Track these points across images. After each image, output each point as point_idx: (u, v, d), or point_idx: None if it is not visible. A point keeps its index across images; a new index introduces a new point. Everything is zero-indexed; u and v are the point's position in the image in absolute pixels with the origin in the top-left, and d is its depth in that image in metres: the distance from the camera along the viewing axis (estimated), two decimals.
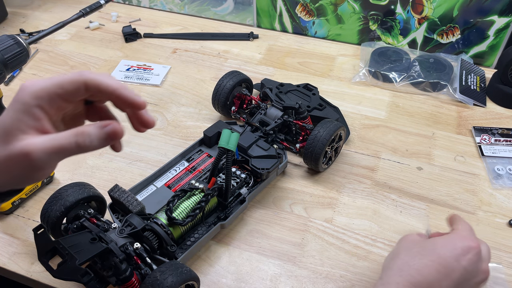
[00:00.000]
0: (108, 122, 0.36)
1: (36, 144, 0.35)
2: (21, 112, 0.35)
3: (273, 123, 0.70)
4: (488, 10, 0.87)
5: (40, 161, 0.35)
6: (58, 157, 0.36)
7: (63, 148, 0.35)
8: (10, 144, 0.35)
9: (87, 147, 0.36)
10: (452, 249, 0.45)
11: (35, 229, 0.49)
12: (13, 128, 0.35)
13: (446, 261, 0.44)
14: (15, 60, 0.60)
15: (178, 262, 0.51)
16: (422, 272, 0.44)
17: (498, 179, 0.70)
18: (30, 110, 0.35)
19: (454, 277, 0.44)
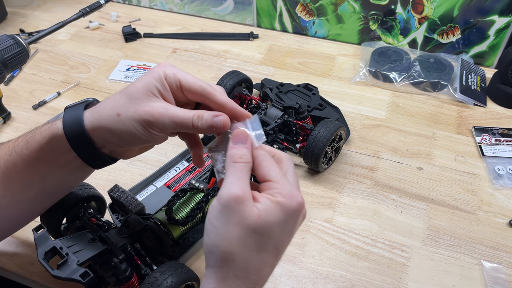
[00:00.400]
0: (220, 114, 0.41)
1: (163, 107, 0.41)
2: (155, 79, 0.41)
3: (273, 123, 0.70)
4: (488, 10, 0.87)
5: (162, 124, 0.40)
6: (174, 127, 0.41)
7: (182, 120, 0.41)
8: (142, 101, 0.41)
9: (197, 128, 0.41)
10: (285, 228, 0.37)
11: (35, 229, 0.49)
12: (147, 88, 0.41)
13: (280, 242, 0.37)
14: (15, 60, 0.60)
15: (178, 262, 0.51)
16: (260, 271, 0.37)
17: (499, 179, 0.70)
18: (162, 80, 0.41)
19: (285, 246, 0.38)
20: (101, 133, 0.42)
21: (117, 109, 0.41)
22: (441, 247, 0.61)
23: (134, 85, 0.42)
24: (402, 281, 0.57)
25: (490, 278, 0.57)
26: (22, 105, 0.85)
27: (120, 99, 0.42)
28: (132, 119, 0.41)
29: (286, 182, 0.38)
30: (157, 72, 0.42)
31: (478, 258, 0.60)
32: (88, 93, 0.88)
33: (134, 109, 0.41)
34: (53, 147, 0.43)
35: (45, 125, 0.44)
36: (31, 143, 0.44)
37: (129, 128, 0.41)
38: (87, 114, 0.42)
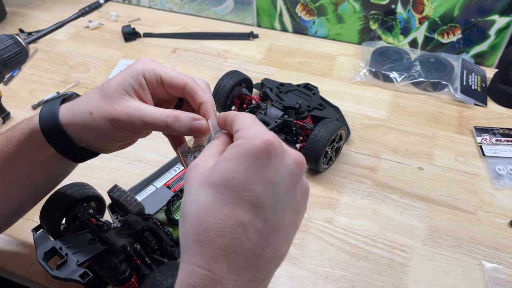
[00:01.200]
0: (199, 117, 0.40)
1: (135, 107, 0.39)
2: (131, 76, 0.40)
3: (273, 123, 0.70)
4: (489, 9, 0.87)
5: (132, 124, 0.39)
6: (145, 127, 0.40)
7: (154, 121, 0.39)
8: (114, 100, 0.40)
9: (173, 130, 0.39)
10: (248, 169, 0.30)
11: (34, 229, 0.49)
12: (121, 86, 0.40)
13: (247, 190, 0.30)
14: (14, 60, 0.60)
15: (178, 263, 0.50)
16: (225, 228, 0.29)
17: (499, 179, 0.70)
18: (139, 78, 0.40)
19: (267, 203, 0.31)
20: (76, 129, 0.42)
21: (90, 107, 0.41)
22: (442, 248, 0.61)
23: (109, 82, 0.41)
24: (402, 282, 0.57)
25: (490, 279, 0.57)
26: (21, 105, 0.85)
27: (94, 97, 0.41)
28: (104, 118, 0.40)
29: (251, 127, 0.32)
30: (134, 68, 0.41)
31: (478, 258, 0.59)
32: None
33: (106, 108, 0.40)
34: (31, 143, 0.43)
35: (24, 121, 0.44)
36: (10, 140, 0.43)
37: (100, 127, 0.40)
38: (63, 110, 0.42)
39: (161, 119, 0.39)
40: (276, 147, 0.31)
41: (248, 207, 0.30)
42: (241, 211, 0.30)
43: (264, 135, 0.31)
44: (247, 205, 0.30)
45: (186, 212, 0.31)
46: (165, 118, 0.39)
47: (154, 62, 0.42)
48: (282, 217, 0.32)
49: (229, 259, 0.30)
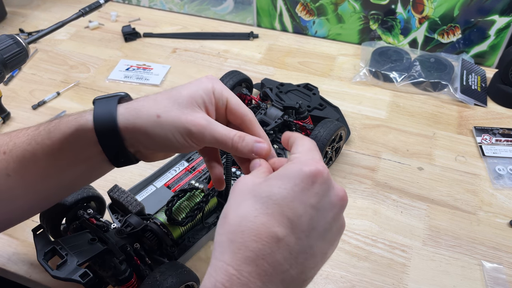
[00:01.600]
0: (262, 141, 0.41)
1: (206, 119, 0.40)
2: (203, 90, 0.41)
3: (273, 123, 0.70)
4: (489, 9, 0.87)
5: (202, 136, 0.39)
6: (213, 142, 0.40)
7: (223, 137, 0.40)
8: (186, 108, 0.39)
9: (236, 149, 0.40)
10: (292, 188, 0.33)
11: (34, 229, 0.49)
12: (193, 97, 0.40)
13: (288, 207, 0.32)
14: (14, 60, 0.60)
15: (178, 263, 0.50)
16: (261, 235, 0.32)
17: (499, 179, 0.70)
18: (209, 94, 0.41)
19: (304, 224, 0.33)
20: (134, 132, 0.40)
21: (157, 110, 0.39)
22: (442, 248, 0.61)
23: (179, 90, 0.41)
24: (402, 282, 0.57)
25: (490, 279, 0.57)
26: (21, 105, 0.85)
27: (162, 101, 0.40)
28: (173, 124, 0.39)
29: (306, 153, 0.36)
30: (206, 84, 0.41)
31: (478, 258, 0.59)
32: (87, 93, 0.88)
33: (176, 114, 0.39)
34: (78, 139, 0.40)
35: (71, 115, 0.42)
36: (54, 133, 0.41)
37: (167, 133, 0.39)
38: (122, 109, 0.40)
39: (229, 136, 0.40)
40: (324, 176, 0.34)
41: (285, 222, 0.32)
42: (278, 224, 0.32)
43: (315, 164, 0.34)
44: (285, 220, 0.32)
45: (227, 213, 0.34)
46: (232, 136, 0.40)
47: (222, 84, 0.42)
48: (314, 242, 0.33)
49: (258, 264, 0.31)
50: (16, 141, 0.42)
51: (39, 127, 0.42)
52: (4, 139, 0.42)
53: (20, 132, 0.43)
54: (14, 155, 0.41)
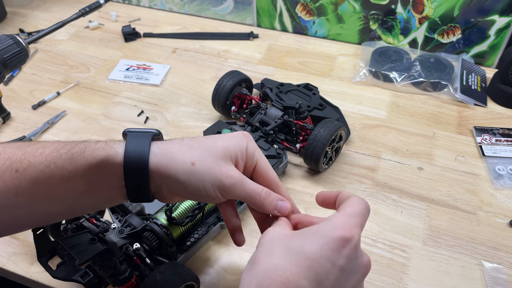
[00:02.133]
0: (285, 200, 0.43)
1: (240, 174, 0.41)
2: (238, 146, 0.42)
3: (273, 123, 0.70)
4: (489, 9, 0.87)
5: (234, 191, 0.40)
6: (244, 197, 0.41)
7: (252, 192, 0.41)
8: (220, 160, 0.40)
9: (262, 204, 0.42)
10: (323, 246, 0.35)
11: (34, 229, 0.49)
12: (227, 151, 0.41)
13: (317, 263, 0.35)
14: (14, 60, 0.60)
15: (178, 263, 0.51)
16: (288, 284, 0.34)
17: (499, 179, 0.70)
18: (243, 151, 0.42)
19: (329, 283, 0.35)
20: (165, 176, 0.39)
21: (193, 158, 0.39)
22: (442, 247, 0.61)
23: (214, 140, 0.41)
24: (402, 282, 0.57)
25: (490, 279, 0.57)
26: (21, 105, 0.85)
27: (197, 149, 0.40)
28: (207, 174, 0.39)
29: (345, 215, 0.38)
30: (241, 140, 0.42)
31: (478, 258, 0.59)
32: (87, 93, 0.88)
33: (211, 165, 0.39)
34: (102, 170, 0.39)
35: (98, 143, 0.40)
36: (77, 159, 0.39)
37: (198, 182, 0.39)
38: (155, 149, 0.39)
39: (257, 192, 0.41)
40: (354, 242, 0.36)
41: (312, 276, 0.34)
42: (305, 277, 0.34)
43: (349, 228, 0.36)
44: (312, 274, 0.34)
45: (258, 260, 0.36)
46: (260, 191, 0.42)
47: (255, 143, 0.44)
48: None
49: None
50: (31, 160, 0.39)
51: (59, 150, 0.40)
52: (18, 155, 0.39)
53: (36, 150, 0.40)
54: (28, 175, 0.39)
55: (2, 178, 0.38)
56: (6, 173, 0.39)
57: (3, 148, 0.40)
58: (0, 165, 0.39)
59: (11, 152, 0.39)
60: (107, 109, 0.84)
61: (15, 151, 0.40)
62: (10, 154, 0.39)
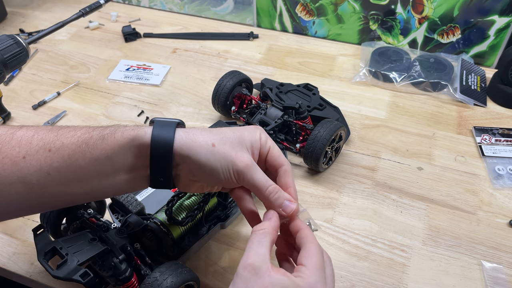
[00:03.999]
0: (293, 201, 0.44)
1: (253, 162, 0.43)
2: (251, 135, 0.44)
3: (273, 123, 0.70)
4: (488, 10, 0.87)
5: (244, 176, 0.42)
6: (250, 183, 0.43)
7: (260, 183, 0.43)
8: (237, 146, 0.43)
9: (267, 199, 0.43)
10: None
11: (34, 229, 0.49)
12: (242, 140, 0.43)
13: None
14: (14, 60, 0.60)
15: (178, 263, 0.51)
16: None
17: (499, 179, 0.70)
18: (257, 140, 0.45)
19: None
20: (187, 156, 0.42)
21: (213, 140, 0.42)
22: (441, 247, 0.61)
23: (231, 131, 0.44)
24: (402, 281, 0.57)
25: (490, 278, 0.57)
26: (22, 105, 0.85)
27: (217, 134, 0.43)
28: (224, 156, 0.42)
29: (316, 275, 0.39)
30: (254, 131, 0.45)
31: (478, 258, 0.60)
32: (88, 93, 0.88)
33: (229, 149, 0.42)
34: (131, 148, 0.42)
35: (127, 126, 0.43)
36: (107, 139, 0.42)
37: (217, 163, 0.42)
38: (180, 132, 0.42)
39: (266, 184, 0.43)
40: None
41: None
42: None
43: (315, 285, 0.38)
44: None
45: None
46: (268, 184, 0.43)
47: (266, 133, 0.46)
48: None
49: None
50: (64, 141, 0.42)
51: (90, 132, 0.42)
52: (50, 137, 0.42)
53: (68, 132, 0.42)
54: (60, 154, 0.41)
55: (35, 157, 0.41)
56: (39, 152, 0.41)
57: (36, 130, 0.42)
58: (34, 145, 0.41)
59: (44, 134, 0.42)
60: (107, 109, 0.84)
61: (47, 133, 0.42)
62: (43, 136, 0.42)
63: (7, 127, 0.43)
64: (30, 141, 0.41)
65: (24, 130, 0.42)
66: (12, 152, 0.41)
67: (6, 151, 0.41)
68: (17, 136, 0.42)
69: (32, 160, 0.41)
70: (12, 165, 0.40)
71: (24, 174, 0.41)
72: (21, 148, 0.41)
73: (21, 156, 0.41)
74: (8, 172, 0.40)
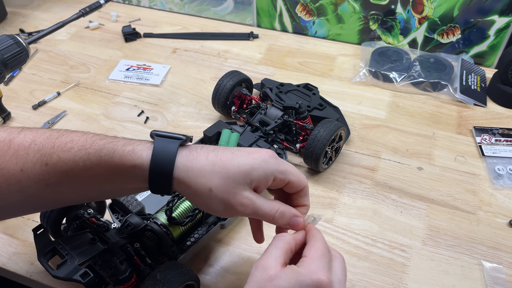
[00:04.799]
0: (299, 215, 0.45)
1: (251, 199, 0.42)
2: (263, 172, 0.42)
3: (273, 123, 0.70)
4: (488, 10, 0.87)
5: (243, 213, 0.42)
6: (254, 217, 0.44)
7: (264, 214, 0.43)
8: (236, 187, 0.41)
9: (276, 223, 0.44)
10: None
11: (34, 229, 0.49)
12: (249, 176, 0.41)
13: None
14: (14, 60, 0.60)
15: (178, 263, 0.51)
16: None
17: (499, 179, 0.70)
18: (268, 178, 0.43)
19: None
20: (186, 189, 0.42)
21: (211, 184, 0.41)
22: (441, 247, 0.61)
23: (238, 163, 0.42)
24: (402, 281, 0.57)
25: (490, 278, 0.57)
26: (22, 105, 0.85)
27: (218, 172, 0.41)
28: (221, 201, 0.41)
29: (317, 262, 0.39)
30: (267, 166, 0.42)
31: (478, 258, 0.60)
32: (88, 93, 0.88)
33: (227, 193, 0.41)
34: (128, 175, 0.42)
35: (125, 145, 0.42)
36: (105, 162, 0.41)
37: (212, 205, 0.42)
38: (180, 162, 0.41)
39: (270, 214, 0.43)
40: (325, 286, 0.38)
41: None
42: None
43: (322, 274, 0.38)
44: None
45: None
46: (273, 213, 0.43)
47: (280, 161, 0.44)
48: None
49: None
50: (60, 155, 0.41)
51: (87, 149, 0.41)
52: (47, 148, 0.41)
53: (65, 145, 0.41)
54: (57, 169, 0.41)
55: (33, 170, 0.41)
56: (36, 165, 0.41)
57: (33, 137, 0.42)
58: (31, 156, 0.41)
59: (41, 144, 0.41)
60: (107, 109, 0.84)
61: (44, 142, 0.42)
62: (40, 146, 0.41)
63: (5, 132, 0.42)
64: (27, 152, 0.41)
65: (22, 137, 0.42)
66: (9, 164, 0.41)
67: (3, 163, 0.41)
68: (14, 145, 0.41)
69: (30, 173, 0.41)
70: (10, 177, 0.41)
71: (23, 186, 0.41)
72: (18, 160, 0.41)
73: (18, 169, 0.41)
74: (6, 184, 0.41)
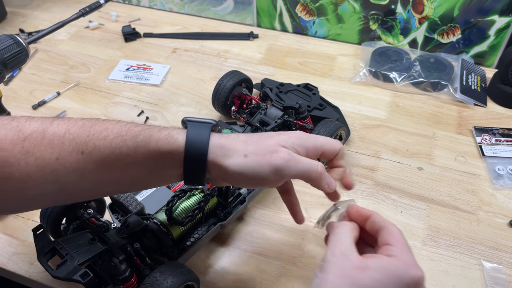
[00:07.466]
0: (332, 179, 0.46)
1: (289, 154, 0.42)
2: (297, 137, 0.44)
3: (273, 123, 0.70)
4: (488, 9, 0.87)
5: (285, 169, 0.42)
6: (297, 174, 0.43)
7: (307, 169, 0.42)
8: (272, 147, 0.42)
9: (319, 176, 0.43)
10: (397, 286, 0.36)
11: (34, 229, 0.49)
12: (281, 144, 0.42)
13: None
14: (14, 60, 0.60)
15: (178, 263, 0.51)
16: None
17: (499, 179, 0.70)
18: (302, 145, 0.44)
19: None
20: (220, 168, 0.42)
21: (245, 151, 0.42)
22: (441, 247, 0.61)
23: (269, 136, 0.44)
24: None
25: (490, 279, 0.57)
26: (21, 105, 0.85)
27: (250, 144, 0.42)
28: (259, 163, 0.41)
29: (409, 254, 0.38)
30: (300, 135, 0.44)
31: (478, 258, 0.60)
32: (88, 93, 0.88)
33: (262, 156, 0.41)
34: (164, 161, 0.42)
35: (160, 131, 0.42)
36: (141, 148, 0.41)
37: (251, 173, 0.41)
38: (213, 143, 0.42)
39: (313, 166, 0.43)
40: (424, 282, 0.37)
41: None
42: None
43: (418, 268, 0.37)
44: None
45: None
46: (315, 165, 0.43)
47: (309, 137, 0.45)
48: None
49: None
50: (96, 143, 0.40)
51: (123, 136, 0.41)
52: (82, 136, 0.41)
53: (100, 133, 0.41)
54: (93, 157, 0.40)
55: (68, 159, 0.40)
56: (72, 154, 0.40)
57: (67, 126, 0.41)
58: (66, 145, 0.40)
59: (76, 133, 0.41)
60: (107, 109, 0.84)
61: (79, 131, 0.41)
62: (75, 135, 0.41)
63: (38, 122, 0.41)
64: (62, 141, 0.40)
65: (55, 127, 0.41)
66: (45, 153, 0.39)
67: (39, 152, 0.39)
68: (48, 134, 0.40)
69: (65, 162, 0.40)
70: (46, 166, 0.40)
71: (58, 175, 0.40)
72: (54, 149, 0.40)
73: (54, 157, 0.40)
74: (42, 173, 0.40)
